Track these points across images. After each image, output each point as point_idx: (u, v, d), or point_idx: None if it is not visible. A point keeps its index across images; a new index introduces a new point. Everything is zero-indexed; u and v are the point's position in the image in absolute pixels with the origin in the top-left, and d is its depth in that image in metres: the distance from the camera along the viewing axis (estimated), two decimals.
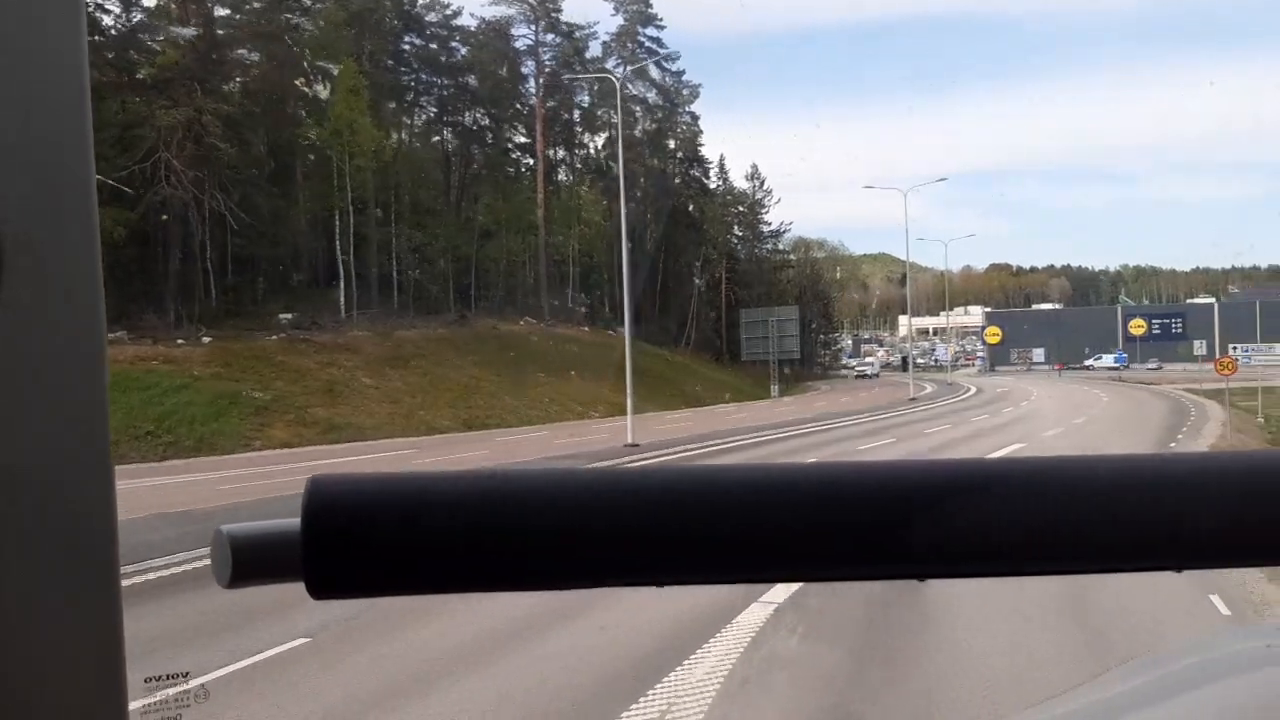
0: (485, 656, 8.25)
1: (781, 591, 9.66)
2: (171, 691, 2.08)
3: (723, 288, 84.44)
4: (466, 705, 7.06)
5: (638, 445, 26.22)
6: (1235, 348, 37.48)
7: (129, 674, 0.46)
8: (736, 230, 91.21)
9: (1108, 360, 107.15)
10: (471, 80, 65.01)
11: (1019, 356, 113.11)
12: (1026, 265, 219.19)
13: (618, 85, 40.33)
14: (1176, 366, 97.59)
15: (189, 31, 44.44)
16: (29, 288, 0.42)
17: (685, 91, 78.12)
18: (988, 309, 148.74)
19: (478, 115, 66.65)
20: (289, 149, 51.96)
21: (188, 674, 2.13)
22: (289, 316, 45.97)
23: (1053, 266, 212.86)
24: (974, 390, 63.56)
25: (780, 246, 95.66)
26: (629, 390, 26.35)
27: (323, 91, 53.21)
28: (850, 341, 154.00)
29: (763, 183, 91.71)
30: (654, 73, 75.75)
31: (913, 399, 54.05)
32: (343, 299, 49.91)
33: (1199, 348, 50.71)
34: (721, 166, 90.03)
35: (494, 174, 65.65)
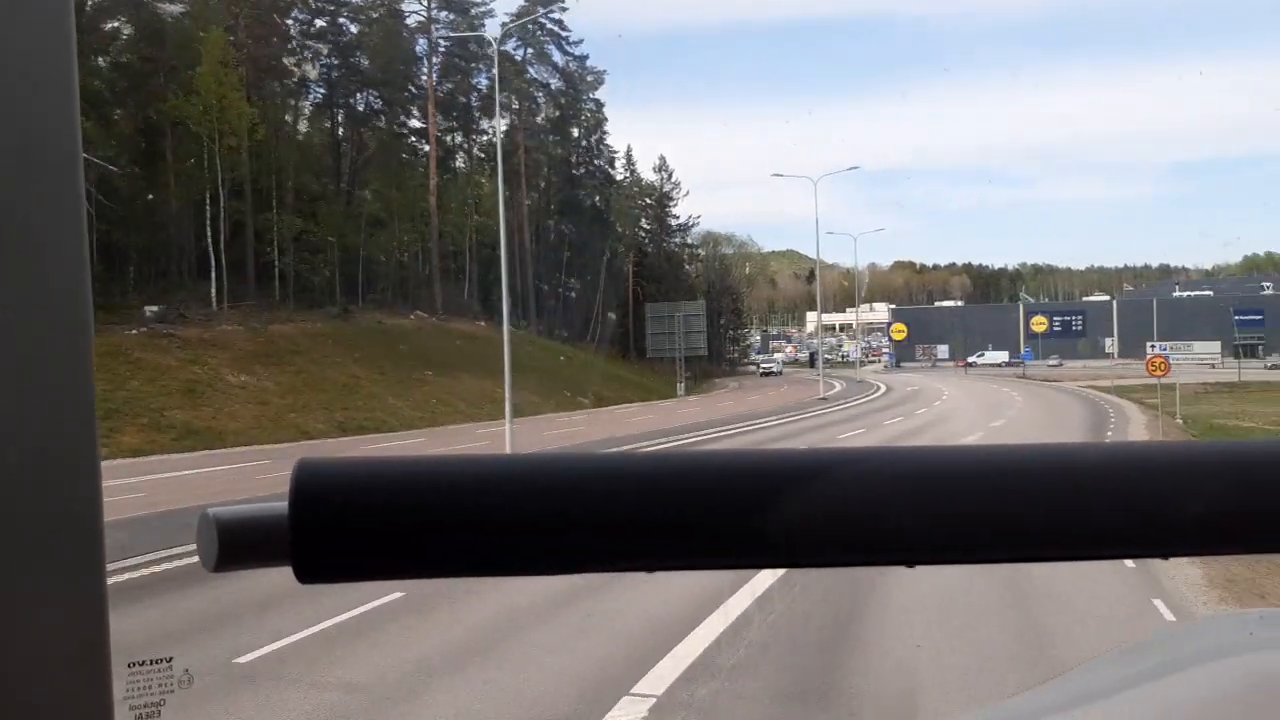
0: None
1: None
2: (156, 676, 2.10)
3: (630, 282, 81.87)
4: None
5: None
6: (1154, 345, 35.73)
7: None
8: (644, 223, 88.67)
9: (991, 357, 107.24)
10: (363, 61, 60.89)
11: (924, 353, 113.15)
12: (930, 263, 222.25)
13: (494, 45, 36.29)
14: (1076, 364, 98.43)
15: None
16: (14, 276, 0.42)
17: (589, 78, 74.94)
18: (893, 306, 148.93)
19: (369, 96, 62.55)
20: (158, 128, 47.44)
21: (171, 659, 2.14)
22: (154, 309, 41.71)
23: (954, 264, 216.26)
24: (883, 389, 61.53)
25: (689, 241, 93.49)
26: (508, 395, 22.93)
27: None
28: (759, 338, 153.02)
29: (670, 175, 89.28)
30: (557, 57, 72.50)
31: (823, 398, 51.92)
32: (214, 290, 45.63)
33: (1109, 345, 49.46)
34: (629, 158, 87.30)
35: (386, 159, 61.59)
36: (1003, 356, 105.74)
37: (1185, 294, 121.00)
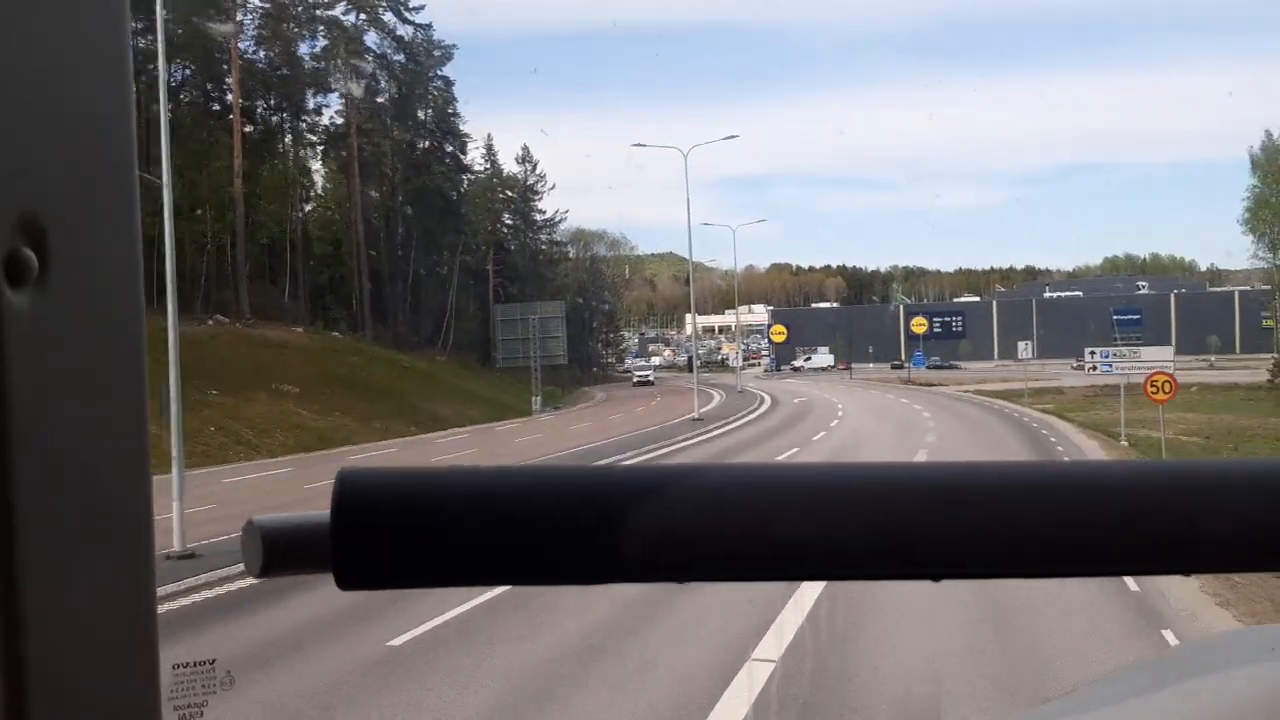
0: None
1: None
2: (199, 678, 2.15)
3: (490, 282, 73.70)
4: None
5: (192, 554, 13.04)
6: (1092, 352, 29.27)
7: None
8: (507, 218, 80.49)
9: (819, 360, 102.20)
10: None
11: (804, 355, 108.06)
12: (805, 265, 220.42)
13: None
14: (965, 365, 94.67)
15: None
16: (71, 274, 0.42)
17: (436, 53, 66.11)
18: (772, 307, 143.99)
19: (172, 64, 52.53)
20: None
21: (214, 661, 2.17)
22: None
23: (829, 267, 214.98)
24: (767, 402, 53.02)
25: (557, 238, 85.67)
26: (175, 435, 13.38)
27: None
28: (637, 340, 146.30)
29: (535, 166, 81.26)
30: (400, 29, 63.49)
31: (697, 418, 41.66)
32: None
33: (1024, 349, 43.67)
34: (489, 148, 78.86)
35: (186, 136, 51.75)
36: (828, 360, 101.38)
37: (1055, 295, 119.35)
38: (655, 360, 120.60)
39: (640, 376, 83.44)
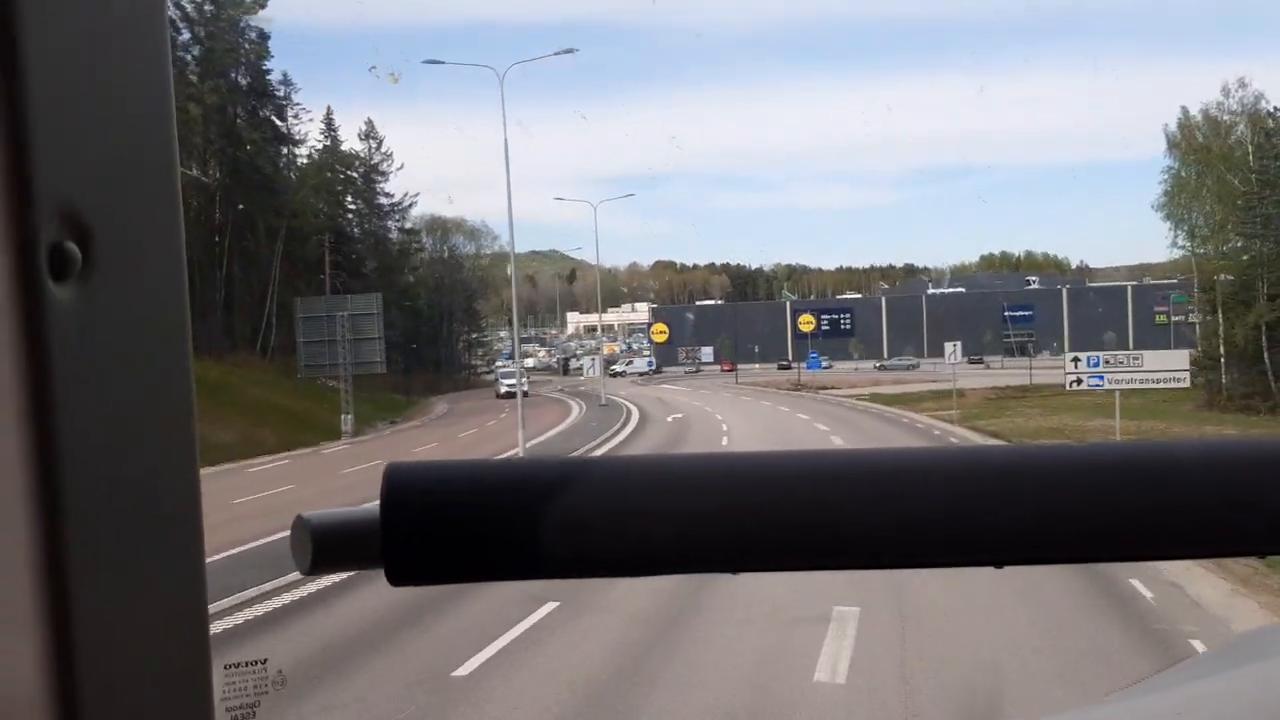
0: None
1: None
2: (251, 678, 2.13)
3: (326, 274, 63.28)
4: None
5: None
6: (1077, 360, 20.87)
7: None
8: (350, 202, 70.03)
9: (640, 364, 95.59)
10: None
11: (687, 355, 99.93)
12: (690, 263, 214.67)
13: None
14: (846, 365, 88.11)
15: None
16: (115, 268, 0.41)
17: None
18: (654, 305, 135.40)
19: None
20: None
21: (265, 661, 2.15)
22: None
23: (714, 264, 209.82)
24: (634, 419, 43.56)
25: (409, 226, 75.42)
26: None
27: None
28: (508, 341, 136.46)
29: (380, 144, 70.93)
30: None
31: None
32: None
33: (951, 352, 35.36)
34: (329, 122, 68.16)
35: None
36: (641, 365, 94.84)
37: (938, 291, 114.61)
38: (529, 361, 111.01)
39: (508, 386, 62.39)
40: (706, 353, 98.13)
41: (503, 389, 61.54)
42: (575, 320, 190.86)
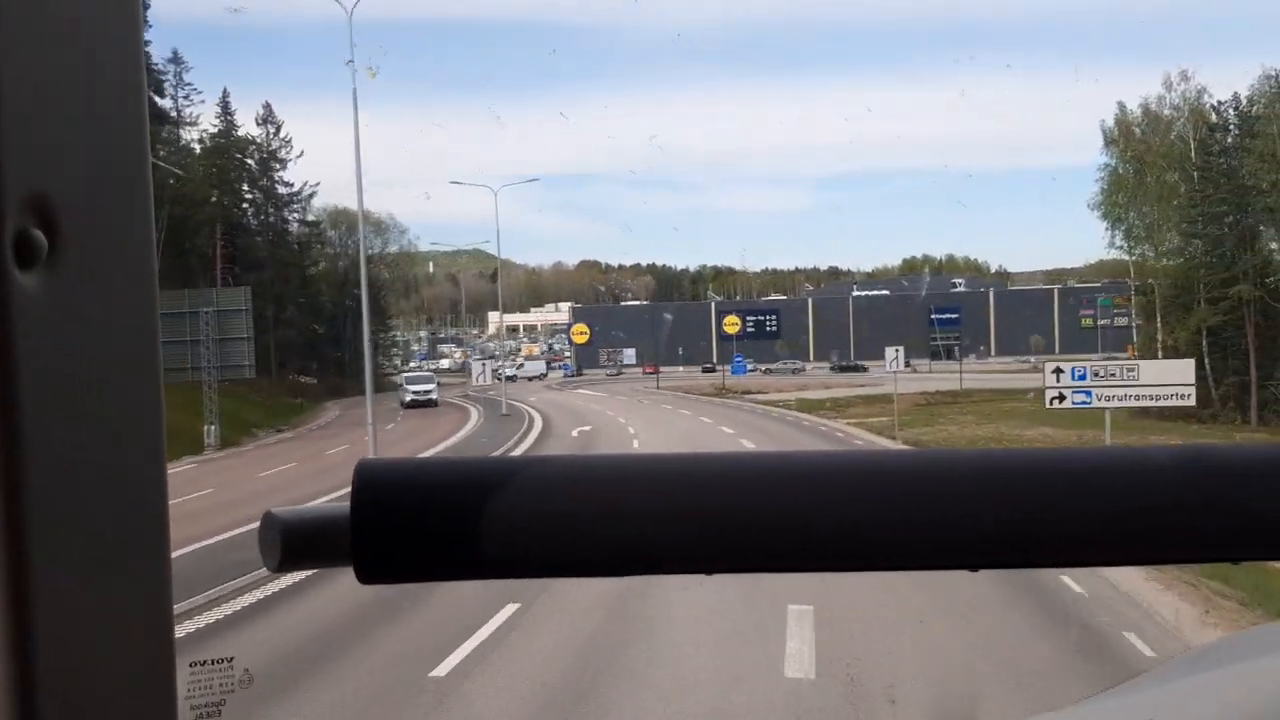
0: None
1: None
2: (217, 676, 2.09)
3: (217, 268, 58.02)
4: None
5: None
6: (1059, 371, 17.15)
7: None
8: (247, 191, 64.71)
9: (532, 368, 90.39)
10: None
11: (609, 358, 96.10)
12: (615, 263, 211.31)
13: None
14: (773, 367, 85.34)
15: None
16: (83, 256, 0.41)
17: None
18: (575, 304, 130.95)
19: None
20: None
21: (232, 659, 2.12)
22: None
23: (639, 265, 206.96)
24: (535, 430, 39.50)
25: (311, 218, 70.22)
26: None
27: None
28: (426, 342, 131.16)
29: (279, 129, 65.72)
30: None
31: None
32: None
33: (893, 358, 31.57)
34: (225, 105, 62.80)
35: None
36: (535, 368, 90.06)
37: (864, 293, 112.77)
38: (444, 363, 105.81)
39: (415, 394, 53.70)
40: (629, 354, 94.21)
41: (407, 397, 53.01)
42: (496, 320, 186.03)
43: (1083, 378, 15.04)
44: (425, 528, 0.49)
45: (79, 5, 0.41)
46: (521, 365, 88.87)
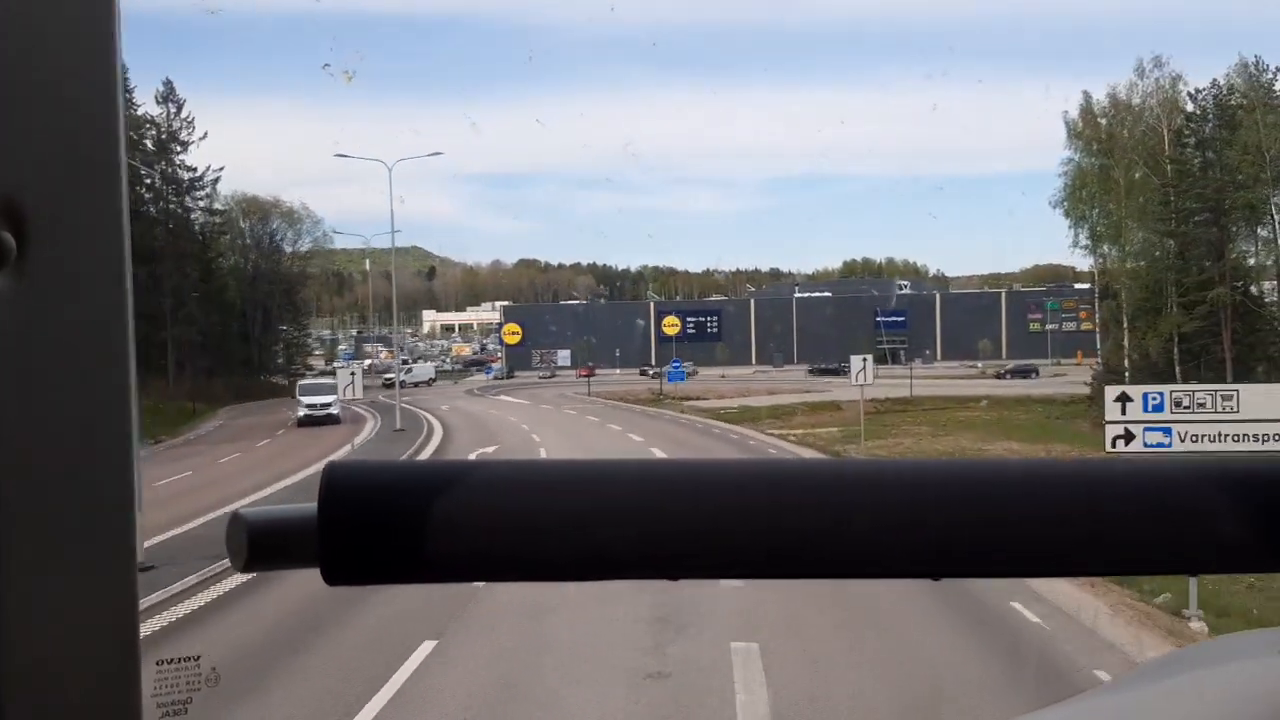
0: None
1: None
2: (183, 674, 2.06)
3: None
4: None
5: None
6: (1126, 399, 11.93)
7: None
8: (145, 174, 58.77)
9: (423, 371, 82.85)
10: None
11: (542, 359, 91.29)
12: (555, 262, 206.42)
13: None
14: (713, 371, 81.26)
15: None
16: (52, 259, 0.40)
17: None
18: (506, 303, 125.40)
19: None
20: None
21: (199, 657, 2.11)
22: None
23: (579, 264, 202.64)
24: (432, 446, 33.34)
25: (218, 206, 64.42)
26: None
27: None
28: (352, 341, 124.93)
29: (180, 108, 59.90)
30: None
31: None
32: None
33: (860, 369, 27.28)
34: (125, 83, 56.56)
35: None
36: (429, 373, 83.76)
37: (806, 295, 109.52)
38: (369, 364, 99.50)
39: (310, 408, 42.05)
40: (563, 356, 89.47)
41: (302, 412, 42.01)
42: (431, 319, 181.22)
43: (1159, 408, 10.50)
44: (392, 530, 0.48)
45: (51, 8, 0.41)
46: (410, 369, 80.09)
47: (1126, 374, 38.78)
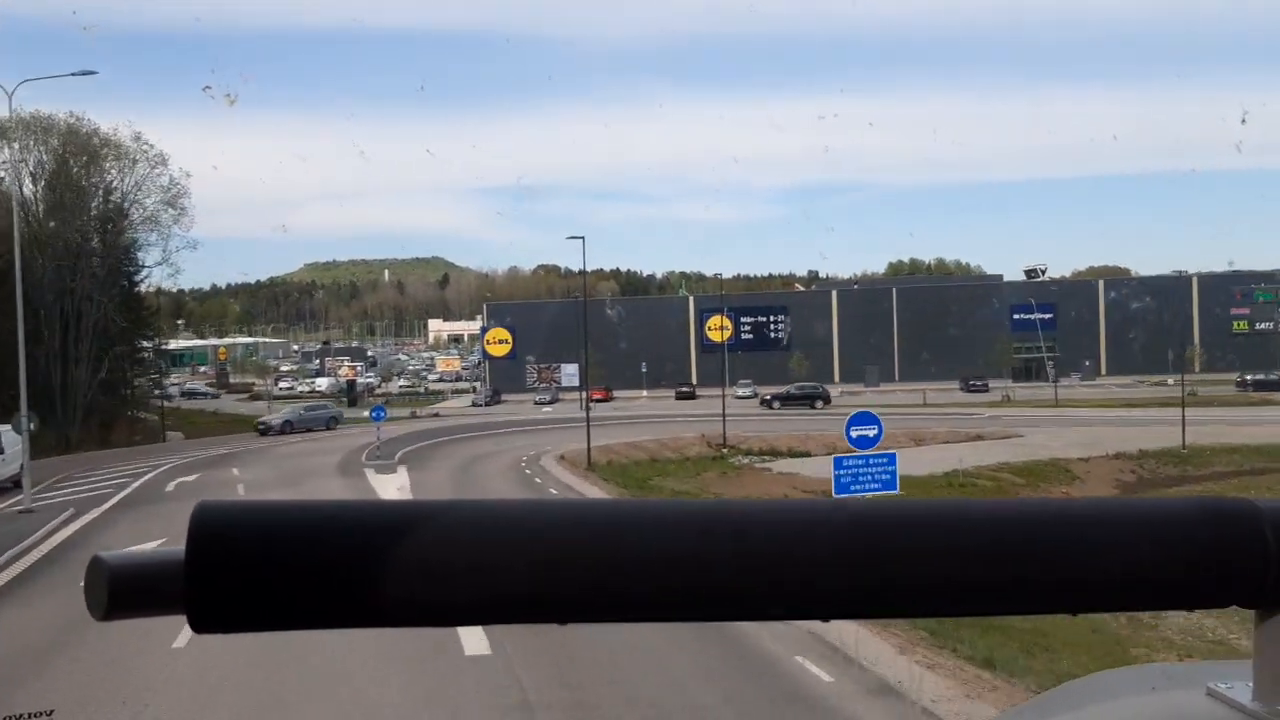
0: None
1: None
2: None
3: None
4: None
5: None
6: None
7: None
8: None
9: (277, 416, 47.47)
10: None
11: (540, 378, 64.62)
12: (576, 268, 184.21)
13: None
14: (771, 387, 54.46)
15: None
16: None
17: None
18: (490, 299, 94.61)
19: None
20: None
21: (52, 712, 1.90)
22: None
23: (603, 270, 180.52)
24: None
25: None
26: None
27: None
28: (322, 359, 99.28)
29: None
30: None
31: None
32: None
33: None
34: None
35: None
36: (277, 417, 46.76)
37: (905, 286, 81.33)
38: (321, 384, 72.96)
39: None
40: (569, 372, 61.84)
41: None
42: (437, 328, 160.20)
43: None
44: (266, 574, 0.45)
45: None
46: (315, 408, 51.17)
47: None
